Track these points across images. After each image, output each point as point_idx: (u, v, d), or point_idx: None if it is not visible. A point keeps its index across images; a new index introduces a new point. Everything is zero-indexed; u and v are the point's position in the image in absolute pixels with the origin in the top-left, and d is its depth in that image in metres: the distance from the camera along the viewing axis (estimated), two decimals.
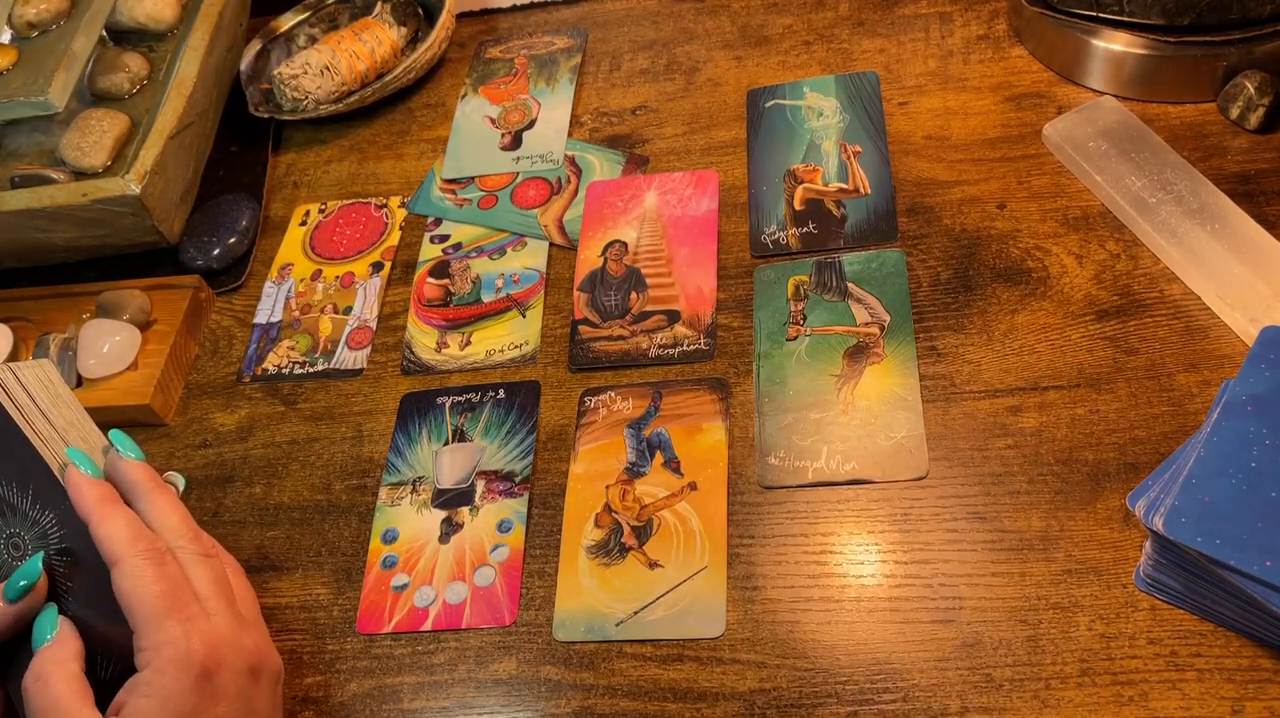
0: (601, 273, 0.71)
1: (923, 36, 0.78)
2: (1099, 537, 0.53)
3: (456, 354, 0.70)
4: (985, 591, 0.53)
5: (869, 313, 0.64)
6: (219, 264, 0.78)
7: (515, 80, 0.86)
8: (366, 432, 0.68)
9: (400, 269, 0.76)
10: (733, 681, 0.53)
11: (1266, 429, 0.47)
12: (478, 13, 0.93)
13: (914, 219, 0.68)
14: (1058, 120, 0.69)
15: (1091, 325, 0.61)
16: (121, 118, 0.78)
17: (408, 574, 0.61)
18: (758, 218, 0.71)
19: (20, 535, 0.48)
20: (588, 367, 0.67)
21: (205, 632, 0.44)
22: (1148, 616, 0.51)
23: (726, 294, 0.68)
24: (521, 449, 0.64)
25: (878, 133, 0.73)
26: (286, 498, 0.66)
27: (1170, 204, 0.63)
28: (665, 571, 0.57)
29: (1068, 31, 0.71)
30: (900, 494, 0.57)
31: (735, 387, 0.64)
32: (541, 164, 0.79)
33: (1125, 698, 0.49)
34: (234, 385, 0.73)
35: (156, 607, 0.44)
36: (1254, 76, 0.65)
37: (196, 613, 0.45)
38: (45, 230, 0.76)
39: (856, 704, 0.51)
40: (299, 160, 0.86)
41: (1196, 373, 0.57)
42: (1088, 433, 0.57)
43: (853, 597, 0.54)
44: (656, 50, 0.85)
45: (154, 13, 0.83)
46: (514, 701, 0.55)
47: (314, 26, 0.94)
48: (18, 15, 0.78)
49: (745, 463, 0.60)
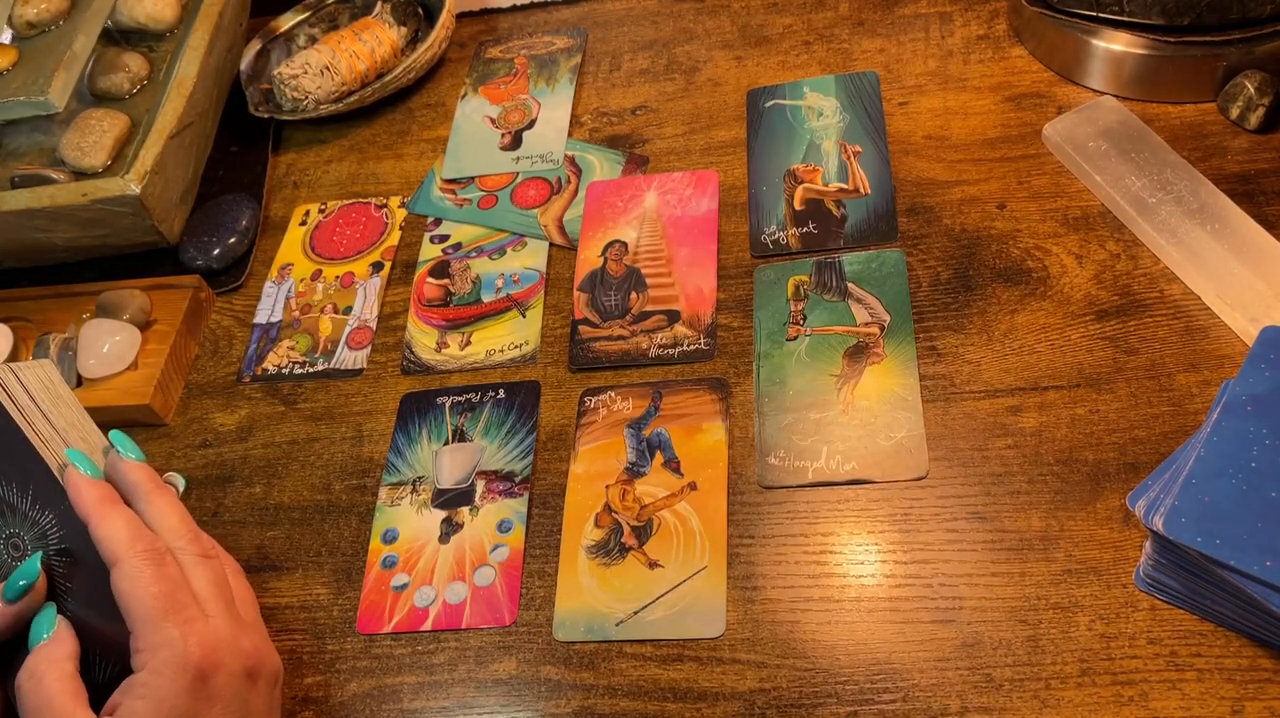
0: (601, 273, 0.71)
1: (923, 36, 0.78)
2: (1099, 537, 0.53)
3: (456, 354, 0.70)
4: (985, 591, 0.53)
5: (869, 313, 0.64)
6: (219, 264, 0.78)
7: (515, 80, 0.86)
8: (366, 432, 0.68)
9: (400, 269, 0.76)
10: (733, 681, 0.53)
11: (1266, 429, 0.47)
12: (478, 13, 0.93)
13: (914, 219, 0.68)
14: (1058, 120, 0.69)
15: (1091, 325, 0.61)
16: (121, 118, 0.78)
17: (408, 574, 0.61)
18: (758, 218, 0.71)
19: (20, 536, 0.48)
20: (588, 367, 0.67)
21: (203, 634, 0.44)
22: (1148, 616, 0.51)
23: (726, 294, 0.68)
24: (521, 449, 0.64)
25: (878, 133, 0.73)
26: (286, 498, 0.66)
27: (1170, 204, 0.63)
28: (665, 571, 0.57)
29: (1068, 31, 0.71)
30: (900, 494, 0.57)
31: (735, 387, 0.64)
32: (541, 164, 0.79)
33: (1125, 698, 0.49)
34: (234, 385, 0.73)
35: (155, 608, 0.44)
36: (1254, 76, 0.65)
37: (195, 615, 0.45)
38: (45, 230, 0.76)
39: (856, 704, 0.51)
40: (299, 160, 0.86)
41: (1196, 373, 0.57)
42: (1088, 433, 0.57)
43: (853, 597, 0.54)
44: (656, 50, 0.85)
45: (154, 13, 0.83)
46: (514, 701, 0.55)
47: (314, 26, 0.94)
48: (18, 15, 0.78)
49: (745, 463, 0.60)
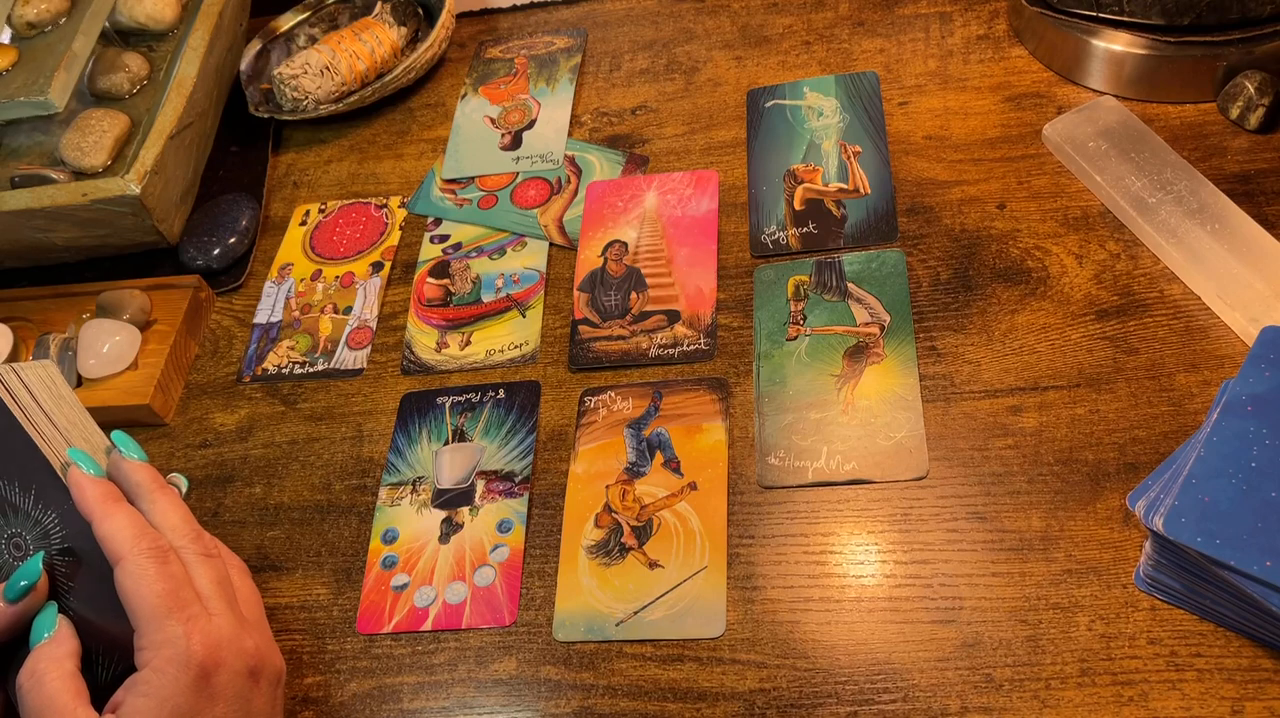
0: (601, 273, 0.71)
1: (923, 36, 0.78)
2: (1099, 537, 0.53)
3: (456, 354, 0.70)
4: (985, 591, 0.53)
5: (869, 313, 0.64)
6: (219, 264, 0.78)
7: (515, 80, 0.86)
8: (366, 432, 0.68)
9: (400, 269, 0.76)
10: (733, 681, 0.53)
11: (1266, 429, 0.47)
12: (478, 13, 0.93)
13: (914, 219, 0.68)
14: (1058, 120, 0.69)
15: (1091, 325, 0.61)
16: (121, 118, 0.78)
17: (408, 574, 0.61)
18: (758, 218, 0.71)
19: (22, 535, 0.48)
20: (588, 367, 0.67)
21: (206, 632, 0.44)
22: (1148, 616, 0.51)
23: (726, 294, 0.68)
24: (521, 449, 0.64)
25: (878, 133, 0.73)
26: (286, 498, 0.66)
27: (1170, 204, 0.63)
28: (665, 571, 0.57)
29: (1068, 31, 0.71)
30: (900, 494, 0.57)
31: (735, 387, 0.64)
32: (541, 164, 0.79)
33: (1125, 698, 0.49)
34: (234, 385, 0.73)
35: (159, 606, 0.44)
36: (1254, 76, 0.65)
37: (198, 613, 0.45)
38: (45, 230, 0.76)
39: (856, 704, 0.51)
40: (299, 160, 0.86)
41: (1196, 373, 0.57)
42: (1088, 433, 0.57)
43: (853, 597, 0.54)
44: (656, 50, 0.85)
45: (154, 13, 0.83)
46: (514, 701, 0.55)
47: (314, 26, 0.94)
48: (18, 15, 0.78)
49: (745, 463, 0.60)
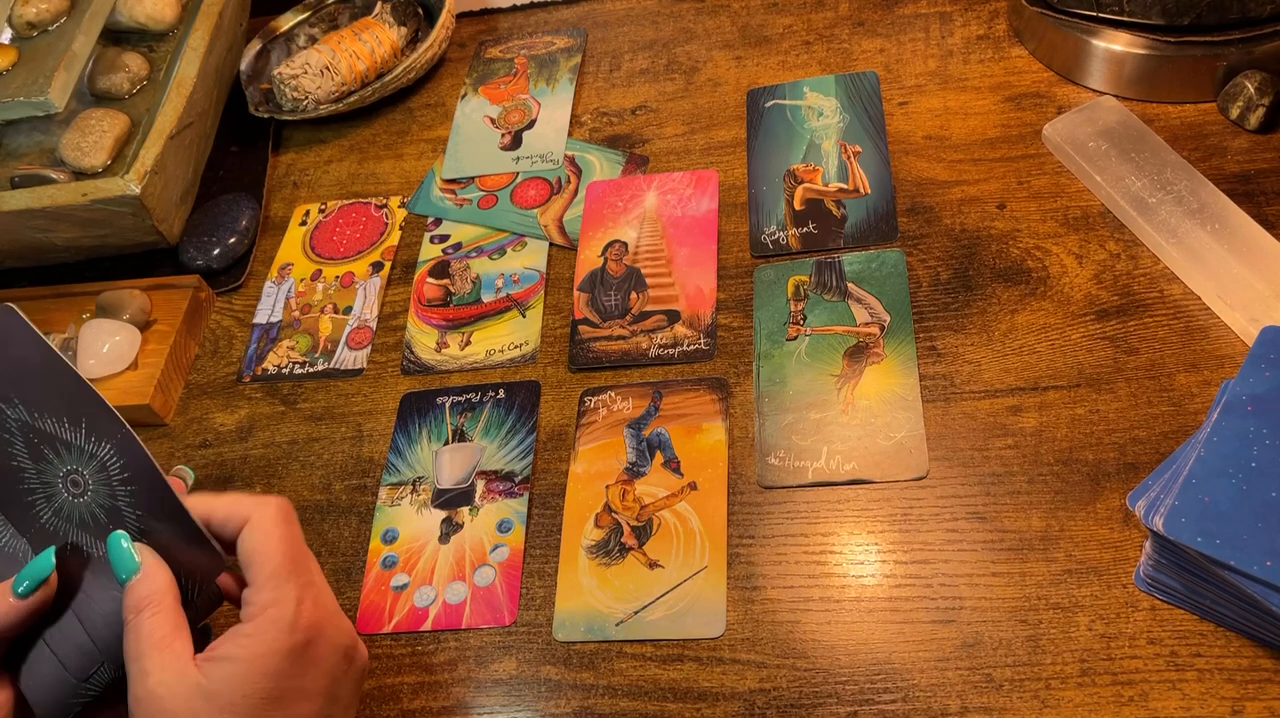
0: (601, 273, 0.71)
1: (923, 36, 0.78)
2: (1099, 537, 0.53)
3: (456, 354, 0.70)
4: (985, 591, 0.53)
5: (869, 313, 0.64)
6: (219, 264, 0.78)
7: (515, 80, 0.86)
8: (366, 432, 0.68)
9: (400, 269, 0.76)
10: (733, 681, 0.53)
11: (1267, 429, 0.47)
12: (478, 13, 0.93)
13: (914, 219, 0.68)
14: (1058, 120, 0.69)
15: (1091, 325, 0.61)
16: (121, 118, 0.78)
17: (408, 574, 0.61)
18: (758, 218, 0.71)
19: (79, 471, 0.47)
20: (588, 367, 0.67)
21: (317, 601, 0.44)
22: (1148, 616, 0.51)
23: (726, 294, 0.68)
24: (521, 449, 0.64)
25: (878, 133, 0.73)
26: (286, 498, 0.66)
27: (1170, 204, 0.63)
28: (665, 571, 0.57)
29: (1068, 31, 0.71)
30: (900, 494, 0.57)
31: (735, 387, 0.64)
32: (541, 164, 0.79)
33: (1125, 698, 0.49)
34: (234, 385, 0.73)
35: (283, 565, 0.44)
36: (1254, 76, 0.65)
37: (313, 582, 0.45)
38: (45, 230, 0.76)
39: (856, 704, 0.51)
40: (299, 160, 0.86)
41: (1196, 373, 0.57)
42: (1088, 433, 0.57)
43: (853, 597, 0.54)
44: (656, 50, 0.85)
45: (154, 13, 0.83)
46: (514, 701, 0.55)
47: (314, 26, 0.94)
48: (18, 15, 0.78)
49: (745, 463, 0.60)
